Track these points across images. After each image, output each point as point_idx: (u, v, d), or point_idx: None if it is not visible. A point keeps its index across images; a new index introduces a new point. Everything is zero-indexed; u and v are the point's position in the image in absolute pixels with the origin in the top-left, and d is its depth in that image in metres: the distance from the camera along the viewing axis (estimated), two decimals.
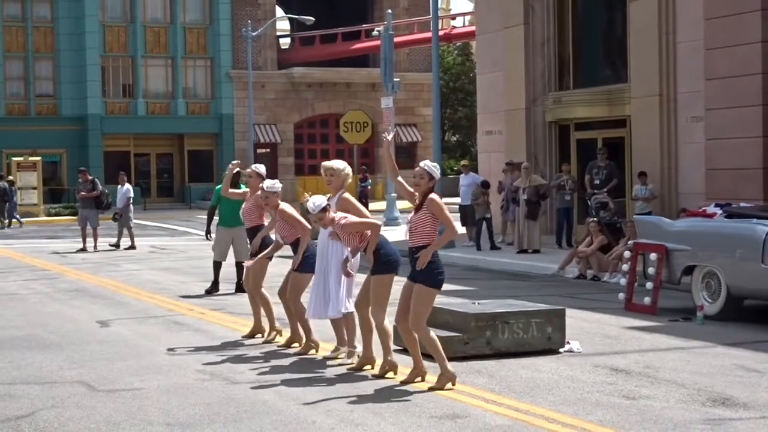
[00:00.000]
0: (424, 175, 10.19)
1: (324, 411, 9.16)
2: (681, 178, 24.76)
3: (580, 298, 17.23)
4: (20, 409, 9.37)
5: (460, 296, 16.44)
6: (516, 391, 9.92)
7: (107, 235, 31.44)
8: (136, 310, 16.19)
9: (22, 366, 11.51)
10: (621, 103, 26.54)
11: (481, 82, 32.43)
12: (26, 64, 56.73)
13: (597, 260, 20.12)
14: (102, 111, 56.76)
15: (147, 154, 59.15)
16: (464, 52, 69.67)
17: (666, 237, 15.83)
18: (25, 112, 56.55)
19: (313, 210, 10.97)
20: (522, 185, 24.72)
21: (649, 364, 11.32)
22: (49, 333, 13.85)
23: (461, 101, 68.51)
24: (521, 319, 11.80)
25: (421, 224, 10.12)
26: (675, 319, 14.80)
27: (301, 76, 59.50)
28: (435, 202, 10.09)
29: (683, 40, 24.48)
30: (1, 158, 54.42)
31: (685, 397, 9.68)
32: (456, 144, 71.48)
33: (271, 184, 12.71)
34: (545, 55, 28.85)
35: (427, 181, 10.19)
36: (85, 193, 28.27)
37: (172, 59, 58.57)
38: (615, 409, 9.15)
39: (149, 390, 10.12)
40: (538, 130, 29.01)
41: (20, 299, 17.73)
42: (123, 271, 22.52)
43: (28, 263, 24.54)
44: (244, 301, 15.86)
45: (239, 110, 58.22)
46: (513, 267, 22.33)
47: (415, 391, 9.97)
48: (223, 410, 9.23)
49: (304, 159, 60.12)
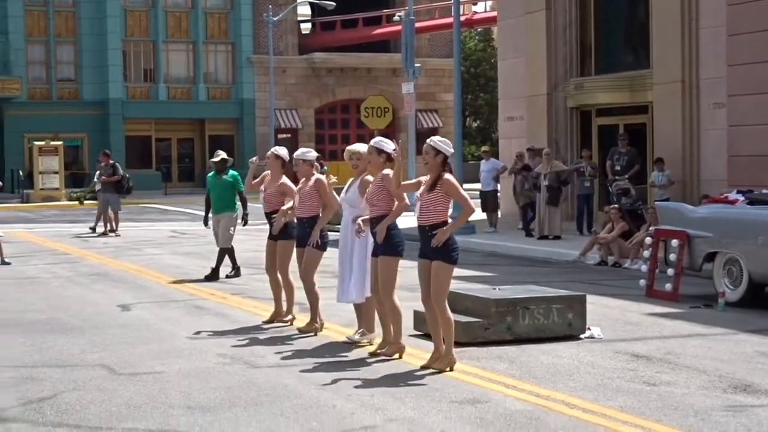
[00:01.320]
0: (429, 151, 10.15)
1: (344, 395, 9.17)
2: (703, 165, 24.68)
3: (601, 284, 17.19)
4: (42, 392, 9.41)
5: (481, 282, 16.45)
6: (536, 377, 9.91)
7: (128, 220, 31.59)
8: (157, 295, 16.24)
9: (44, 349, 11.56)
10: (643, 89, 26.45)
11: (502, 68, 32.36)
12: (48, 48, 56.92)
13: (618, 246, 20.07)
14: (123, 95, 56.91)
15: (168, 139, 59.31)
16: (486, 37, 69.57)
17: (687, 223, 15.77)
18: (46, 97, 56.76)
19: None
20: (543, 171, 24.66)
21: (670, 350, 11.29)
22: (71, 317, 13.91)
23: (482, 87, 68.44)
24: (542, 305, 11.78)
25: (433, 203, 10.10)
26: (696, 305, 14.75)
27: (322, 62, 59.49)
28: (448, 182, 10.06)
29: (706, 26, 24.37)
30: (22, 142, 54.65)
31: (706, 383, 9.65)
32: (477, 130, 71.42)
33: (303, 152, 12.70)
34: (567, 40, 28.76)
35: (433, 156, 10.13)
36: (106, 177, 28.32)
37: (193, 44, 58.66)
38: (636, 395, 9.13)
39: (170, 374, 10.15)
40: (559, 116, 28.94)
41: (42, 283, 17.80)
42: (144, 255, 22.59)
43: (49, 247, 24.63)
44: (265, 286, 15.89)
45: (260, 95, 58.29)
46: (533, 253, 22.29)
47: (435, 375, 9.97)
48: (244, 394, 9.25)
49: (324, 144, 60.13)
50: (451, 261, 10.16)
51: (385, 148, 10.83)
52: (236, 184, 18.09)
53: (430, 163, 10.17)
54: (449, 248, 10.12)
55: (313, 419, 8.38)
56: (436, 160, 10.14)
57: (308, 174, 12.59)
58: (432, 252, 10.12)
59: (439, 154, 10.13)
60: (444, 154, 10.14)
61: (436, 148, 10.13)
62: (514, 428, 8.08)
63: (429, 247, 10.14)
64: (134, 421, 8.37)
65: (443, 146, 10.15)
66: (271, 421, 8.34)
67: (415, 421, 8.32)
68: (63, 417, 8.54)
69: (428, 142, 10.22)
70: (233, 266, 18.36)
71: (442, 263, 10.09)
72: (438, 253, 10.09)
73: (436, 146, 10.14)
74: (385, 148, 10.83)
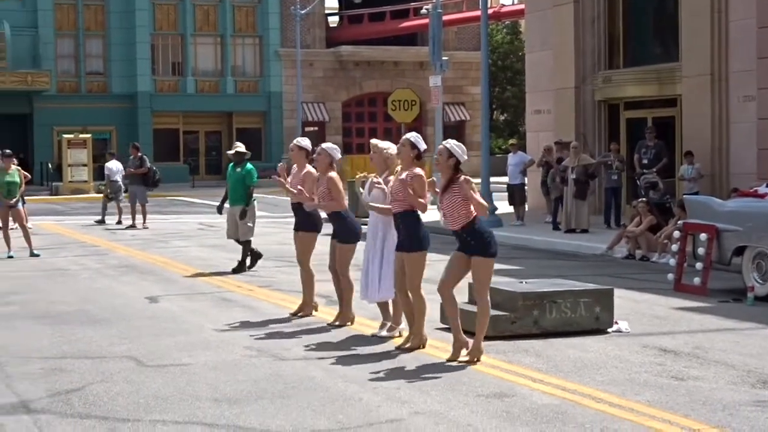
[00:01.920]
0: (443, 153, 10.24)
1: (371, 388, 9.17)
2: (732, 158, 24.54)
3: (629, 278, 17.12)
4: (71, 383, 9.45)
5: (508, 275, 16.41)
6: (563, 371, 9.88)
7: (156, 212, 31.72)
8: (185, 287, 16.29)
9: (73, 341, 11.62)
10: (672, 82, 26.31)
11: (530, 61, 32.27)
12: (77, 42, 57.16)
13: (646, 240, 19.98)
14: (151, 89, 57.11)
15: (196, 132, 59.48)
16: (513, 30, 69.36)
17: (716, 217, 15.68)
18: (75, 90, 57.01)
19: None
20: (570, 164, 24.56)
21: (699, 345, 11.24)
22: (99, 308, 13.97)
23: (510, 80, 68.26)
24: (569, 299, 11.75)
25: (454, 208, 10.17)
26: (725, 300, 14.67)
27: (350, 55, 59.49)
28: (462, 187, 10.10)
29: (736, 19, 24.22)
30: (52, 135, 54.94)
31: (734, 378, 9.60)
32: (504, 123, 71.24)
33: (328, 146, 12.70)
34: (595, 33, 28.64)
35: (446, 158, 10.20)
36: (133, 169, 28.41)
37: (221, 37, 58.79)
38: (663, 390, 9.09)
39: (197, 366, 10.18)
40: (587, 109, 28.84)
41: (71, 275, 17.89)
42: (171, 247, 22.66)
43: (78, 239, 24.75)
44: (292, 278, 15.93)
45: (287, 88, 58.36)
46: (561, 246, 22.23)
47: (462, 369, 9.96)
48: (271, 386, 9.26)
49: (351, 137, 60.16)
50: (490, 254, 10.27)
51: (418, 145, 10.85)
52: (247, 177, 18.05)
53: (441, 165, 10.28)
54: (486, 242, 10.22)
55: (340, 412, 8.39)
56: (448, 162, 10.23)
57: (324, 169, 12.57)
58: (471, 248, 10.22)
59: (451, 157, 10.20)
60: (457, 158, 10.19)
61: (451, 151, 10.20)
62: (540, 422, 8.06)
63: (467, 244, 10.23)
64: (161, 413, 8.40)
65: (458, 151, 10.23)
66: (298, 413, 8.35)
67: (441, 414, 8.32)
68: (91, 408, 8.58)
69: (444, 144, 10.34)
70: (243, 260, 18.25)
71: (481, 258, 10.19)
72: (477, 249, 10.19)
73: (451, 149, 10.23)
74: (419, 145, 10.85)
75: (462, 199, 10.13)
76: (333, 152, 12.61)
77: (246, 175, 18.06)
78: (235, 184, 18.09)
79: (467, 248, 10.25)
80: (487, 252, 10.20)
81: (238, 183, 18.07)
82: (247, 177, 18.06)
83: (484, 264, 10.23)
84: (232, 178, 18.15)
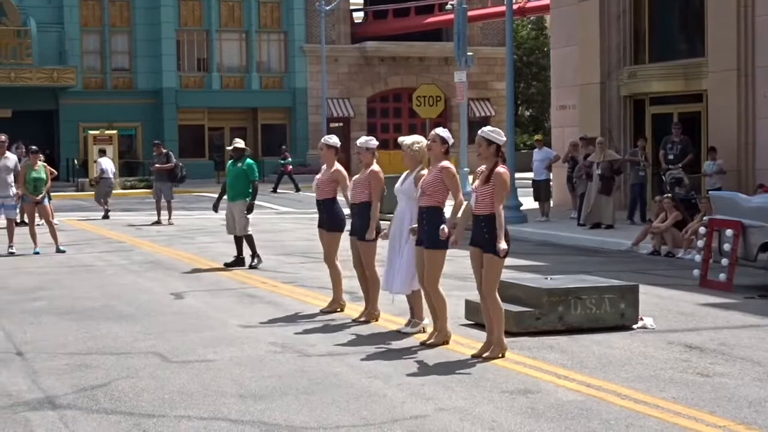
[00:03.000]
0: (482, 143, 10.26)
1: (395, 384, 9.18)
2: (758, 154, 24.43)
3: (654, 274, 17.07)
4: (96, 379, 9.50)
5: (532, 271, 16.39)
6: (588, 367, 9.86)
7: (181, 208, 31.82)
8: (210, 283, 16.33)
9: (98, 337, 11.67)
10: (697, 77, 26.20)
11: (555, 57, 32.21)
12: (102, 38, 57.33)
13: (671, 236, 19.91)
14: (177, 85, 57.22)
15: (221, 128, 59.55)
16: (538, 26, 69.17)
17: (742, 213, 15.61)
18: (101, 86, 57.18)
19: None
20: (596, 160, 24.48)
21: (724, 341, 11.19)
22: (124, 304, 14.03)
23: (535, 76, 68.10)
24: (594, 295, 11.72)
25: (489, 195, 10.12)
26: (751, 296, 14.61)
27: (375, 50, 59.45)
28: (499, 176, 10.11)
29: (762, 14, 24.10)
30: (78, 131, 55.15)
31: (760, 375, 9.56)
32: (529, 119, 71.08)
33: (365, 140, 12.71)
34: (620, 28, 28.54)
35: (486, 147, 10.22)
36: (159, 165, 28.49)
37: (246, 33, 58.85)
38: (689, 387, 9.06)
39: (222, 361, 10.21)
40: (612, 105, 28.75)
41: (96, 271, 17.97)
42: (196, 243, 22.73)
43: (103, 235, 24.85)
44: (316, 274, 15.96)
45: (312, 84, 58.35)
46: (586, 242, 22.17)
47: (486, 365, 9.95)
48: (295, 382, 9.28)
49: (377, 133, 59.99)
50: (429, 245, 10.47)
51: (448, 139, 10.89)
52: (250, 172, 18.17)
53: (483, 154, 10.28)
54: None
55: (364, 408, 8.39)
56: (489, 150, 10.22)
57: (369, 162, 12.62)
58: (484, 243, 10.16)
59: (491, 144, 10.19)
60: (497, 143, 10.16)
61: (488, 138, 10.20)
62: (565, 419, 8.05)
63: (481, 236, 10.18)
64: (186, 409, 8.43)
65: (495, 136, 10.22)
66: (323, 409, 8.36)
67: (466, 410, 8.31)
68: (116, 404, 8.62)
69: (479, 134, 10.33)
70: (253, 254, 18.34)
71: (493, 256, 10.14)
72: (490, 244, 10.13)
73: (487, 137, 10.22)
74: (448, 139, 10.89)
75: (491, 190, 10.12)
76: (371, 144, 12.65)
77: (248, 170, 18.16)
78: (234, 180, 18.18)
79: (480, 240, 10.20)
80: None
81: (238, 178, 18.16)
82: (249, 172, 18.16)
83: (496, 262, 10.18)
84: (231, 173, 18.27)
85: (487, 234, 10.14)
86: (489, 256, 10.14)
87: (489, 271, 10.20)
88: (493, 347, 10.27)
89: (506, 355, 10.25)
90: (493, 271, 10.21)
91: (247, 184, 18.15)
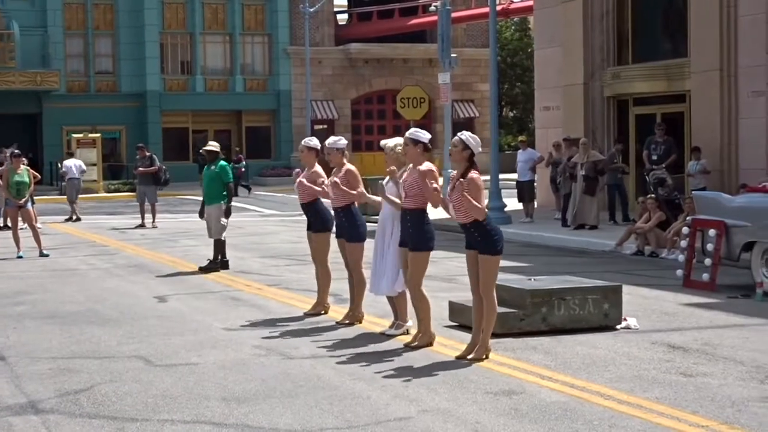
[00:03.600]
0: (458, 144, 10.30)
1: (379, 386, 9.18)
2: (741, 154, 24.49)
3: (638, 274, 17.10)
4: (79, 383, 9.47)
5: (516, 272, 16.40)
6: (572, 368, 9.87)
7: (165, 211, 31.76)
8: (194, 286, 16.30)
9: (82, 341, 11.64)
10: (680, 77, 26.26)
11: (538, 58, 32.24)
12: (86, 41, 57.18)
13: (655, 236, 19.96)
14: (161, 88, 57.11)
15: (205, 131, 59.38)
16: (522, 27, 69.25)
17: (725, 213, 15.65)
18: (85, 89, 57.02)
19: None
20: (580, 161, 24.52)
21: (707, 341, 11.22)
22: (108, 308, 13.99)
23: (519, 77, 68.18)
24: (578, 296, 11.73)
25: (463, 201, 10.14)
26: (734, 295, 14.65)
27: (359, 52, 59.44)
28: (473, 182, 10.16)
29: (744, 14, 24.17)
30: (61, 135, 55.00)
31: (743, 374, 9.58)
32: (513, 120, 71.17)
33: (333, 141, 12.65)
34: (604, 29, 28.60)
35: (461, 150, 10.26)
36: (143, 168, 28.44)
37: (230, 36, 58.77)
38: (672, 387, 9.08)
39: (206, 365, 10.19)
40: (596, 106, 28.80)
41: (80, 275, 17.92)
42: (180, 246, 22.69)
43: (87, 239, 24.79)
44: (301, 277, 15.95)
45: (296, 86, 58.32)
46: (570, 243, 22.21)
47: (470, 366, 9.96)
48: (279, 385, 9.27)
49: (361, 135, 60.08)
50: (496, 252, 10.29)
51: (420, 138, 10.83)
52: (222, 174, 17.95)
53: (456, 156, 10.35)
54: (492, 239, 10.25)
55: (348, 410, 8.39)
56: (462, 154, 10.27)
57: (340, 163, 12.57)
58: (477, 244, 10.24)
59: (467, 149, 10.24)
60: (472, 150, 10.23)
61: (465, 143, 10.24)
62: (549, 420, 8.06)
63: (473, 239, 10.27)
64: (170, 413, 8.41)
65: (472, 143, 10.29)
66: (306, 412, 8.36)
67: (449, 412, 8.32)
68: (99, 408, 8.60)
69: (459, 135, 10.38)
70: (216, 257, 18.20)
71: (488, 256, 10.21)
72: (483, 246, 10.21)
73: (465, 141, 10.28)
74: (421, 138, 10.83)
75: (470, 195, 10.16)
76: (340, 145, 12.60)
77: (221, 172, 17.95)
78: (209, 183, 17.99)
79: (474, 243, 10.27)
80: (493, 249, 10.23)
81: (212, 181, 17.96)
82: (222, 174, 17.95)
83: (491, 261, 10.26)
84: (206, 177, 18.09)
85: (479, 237, 10.18)
86: (484, 257, 10.22)
87: (485, 272, 10.28)
88: (478, 347, 10.28)
89: (490, 356, 10.26)
90: (489, 271, 10.29)
91: (221, 187, 17.96)
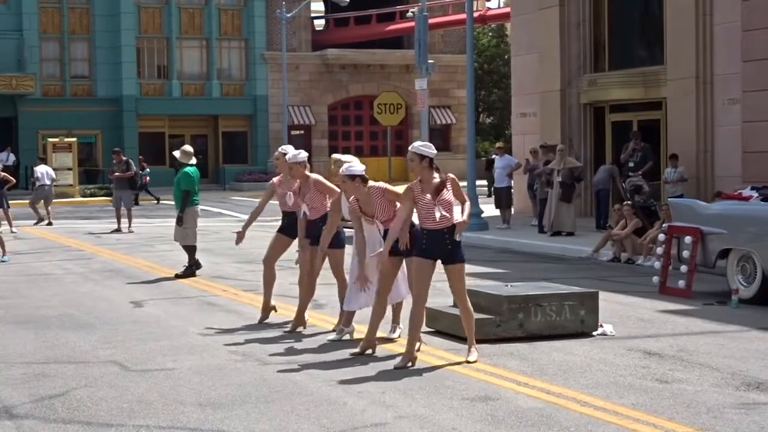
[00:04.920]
0: (414, 158, 10.24)
1: (355, 392, 9.16)
2: (717, 161, 24.61)
3: (614, 281, 17.14)
4: (54, 389, 9.42)
5: (493, 279, 16.40)
6: (548, 374, 9.88)
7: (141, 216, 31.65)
8: (170, 291, 16.25)
9: (56, 346, 11.58)
10: (657, 85, 26.38)
11: (515, 64, 32.32)
12: (62, 45, 57.00)
13: (631, 243, 20.02)
14: (137, 92, 56.97)
15: (182, 136, 59.24)
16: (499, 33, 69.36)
17: (701, 220, 15.70)
18: (60, 93, 56.83)
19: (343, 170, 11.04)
20: (556, 167, 24.57)
21: (683, 347, 11.25)
22: (83, 313, 13.93)
23: (496, 83, 68.29)
24: (554, 302, 11.74)
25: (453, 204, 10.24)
26: (709, 302, 14.69)
27: (336, 58, 59.46)
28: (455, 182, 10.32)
29: (720, 22, 24.30)
30: (37, 139, 54.76)
31: (719, 381, 9.61)
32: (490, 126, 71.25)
33: (293, 155, 12.41)
34: (580, 36, 28.70)
35: (419, 161, 10.21)
36: (119, 173, 28.35)
37: (206, 41, 58.70)
38: (648, 393, 9.10)
39: (182, 370, 10.15)
40: (572, 112, 28.90)
41: (55, 279, 17.84)
42: (156, 251, 22.61)
43: (63, 244, 24.68)
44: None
45: (273, 92, 58.28)
46: (546, 249, 22.24)
47: (446, 373, 9.96)
48: (255, 391, 9.24)
49: (338, 141, 60.08)
50: (464, 259, 10.41)
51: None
52: (182, 181, 17.77)
53: (416, 169, 10.27)
54: (460, 246, 10.33)
55: (324, 416, 8.37)
56: (422, 164, 10.22)
57: (303, 176, 12.44)
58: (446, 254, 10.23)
59: (425, 158, 10.22)
60: (429, 156, 10.24)
61: (419, 153, 10.22)
62: (525, 426, 8.06)
63: (441, 249, 10.22)
64: (145, 418, 8.37)
65: (426, 150, 10.25)
66: (282, 418, 8.33)
67: (426, 418, 8.31)
68: (74, 414, 8.55)
69: (410, 149, 10.32)
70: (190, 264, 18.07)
71: (459, 264, 10.31)
72: (454, 254, 10.25)
73: (418, 152, 10.23)
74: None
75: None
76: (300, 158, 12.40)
77: (181, 179, 17.80)
78: (176, 188, 17.92)
79: (439, 253, 10.22)
80: (463, 256, 10.34)
81: (177, 187, 17.89)
82: (182, 180, 17.80)
83: (461, 269, 10.37)
84: (175, 183, 18.01)
85: (450, 245, 10.17)
86: (456, 267, 10.28)
87: (458, 280, 10.36)
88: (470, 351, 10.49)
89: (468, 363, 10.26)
90: (462, 278, 10.40)
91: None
